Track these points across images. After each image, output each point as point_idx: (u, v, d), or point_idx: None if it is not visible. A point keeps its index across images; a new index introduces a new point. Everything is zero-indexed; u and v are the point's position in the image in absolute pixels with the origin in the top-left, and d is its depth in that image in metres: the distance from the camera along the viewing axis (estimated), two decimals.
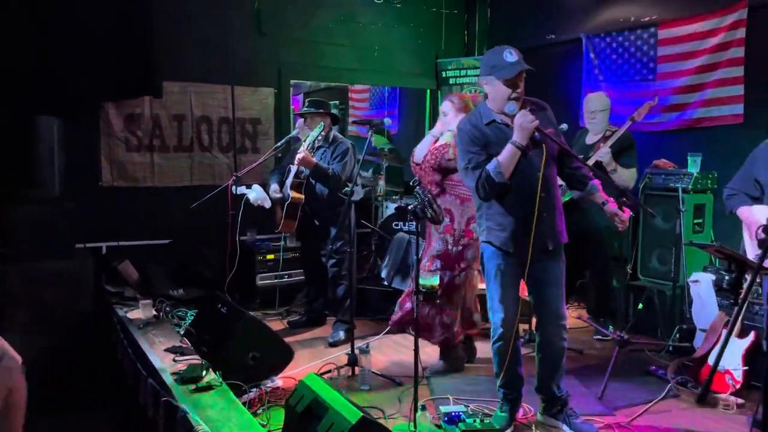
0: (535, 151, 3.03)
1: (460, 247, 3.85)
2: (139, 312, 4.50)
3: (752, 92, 4.68)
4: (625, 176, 4.51)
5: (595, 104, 4.68)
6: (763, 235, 1.98)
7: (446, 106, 3.96)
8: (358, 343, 4.25)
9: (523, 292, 3.20)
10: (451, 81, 7.04)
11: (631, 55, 5.52)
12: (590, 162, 4.31)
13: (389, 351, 4.49)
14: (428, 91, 7.23)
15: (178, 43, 5.47)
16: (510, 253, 3.09)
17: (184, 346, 3.87)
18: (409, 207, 3.18)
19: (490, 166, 2.97)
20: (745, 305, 3.35)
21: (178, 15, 5.48)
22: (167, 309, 4.69)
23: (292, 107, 7.57)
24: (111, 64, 4.82)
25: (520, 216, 3.04)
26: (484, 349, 4.55)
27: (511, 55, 2.97)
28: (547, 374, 3.24)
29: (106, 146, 5.40)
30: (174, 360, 3.66)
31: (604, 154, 4.42)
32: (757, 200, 3.02)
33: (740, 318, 3.41)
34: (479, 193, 3.03)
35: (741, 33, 4.72)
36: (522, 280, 3.16)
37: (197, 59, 5.63)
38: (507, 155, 2.95)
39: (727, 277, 2.88)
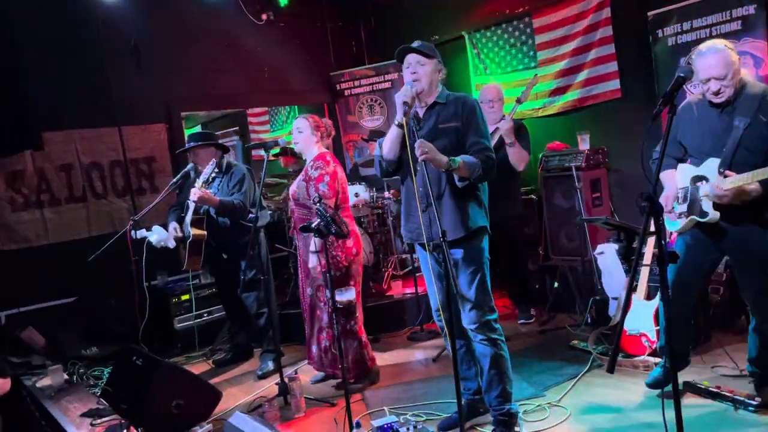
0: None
1: (343, 270, 3.84)
2: (49, 379, 4.21)
3: (625, 66, 4.94)
4: (515, 158, 4.50)
5: (491, 94, 4.70)
6: (643, 203, 2.06)
7: (302, 124, 3.95)
8: (288, 371, 4.16)
9: None
10: (347, 93, 7.06)
11: (511, 46, 5.71)
12: (491, 131, 4.25)
13: None
14: (326, 105, 7.21)
15: (55, 91, 5.20)
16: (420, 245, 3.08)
17: (101, 407, 3.65)
18: (313, 225, 3.13)
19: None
20: (648, 269, 3.51)
21: (52, 62, 5.20)
22: (81, 371, 4.43)
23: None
24: None
25: (406, 211, 3.12)
26: (415, 352, 4.58)
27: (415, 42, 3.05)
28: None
29: None
30: (91, 424, 3.46)
31: (505, 122, 4.42)
32: (681, 161, 3.13)
33: (636, 281, 3.57)
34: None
35: (607, 12, 4.98)
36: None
37: (78, 104, 5.35)
38: (390, 132, 3.01)
39: (617, 247, 3.02)
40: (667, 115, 2.15)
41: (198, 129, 8.97)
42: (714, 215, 2.91)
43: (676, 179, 3.12)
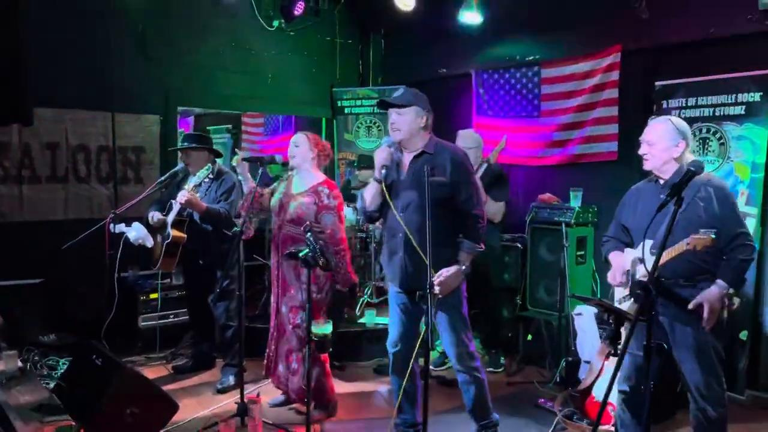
0: (407, 192, 3.16)
1: (324, 294, 3.77)
2: (2, 364, 4.06)
3: (626, 131, 4.99)
4: (493, 209, 4.52)
5: (467, 141, 4.66)
6: (638, 291, 2.05)
7: (300, 139, 3.90)
8: (250, 387, 4.07)
9: None
10: (347, 110, 7.03)
11: (517, 92, 5.74)
12: None
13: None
14: (324, 119, 7.17)
15: (52, 66, 5.04)
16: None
17: (53, 404, 3.52)
18: (300, 255, 3.06)
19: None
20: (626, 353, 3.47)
21: (54, 37, 5.06)
22: (36, 359, 4.28)
23: (182, 130, 7.24)
24: None
25: (388, 252, 3.27)
26: (379, 386, 4.51)
27: (395, 92, 3.27)
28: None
29: None
30: (40, 422, 3.32)
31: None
32: (628, 245, 3.12)
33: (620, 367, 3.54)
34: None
35: (615, 75, 5.03)
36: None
37: (74, 84, 5.22)
38: (370, 187, 3.23)
39: (596, 311, 3.05)
40: (674, 207, 2.14)
41: (191, 122, 8.87)
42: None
43: (623, 260, 3.09)
